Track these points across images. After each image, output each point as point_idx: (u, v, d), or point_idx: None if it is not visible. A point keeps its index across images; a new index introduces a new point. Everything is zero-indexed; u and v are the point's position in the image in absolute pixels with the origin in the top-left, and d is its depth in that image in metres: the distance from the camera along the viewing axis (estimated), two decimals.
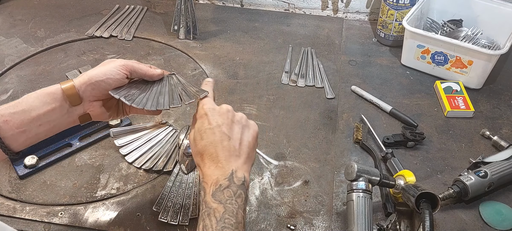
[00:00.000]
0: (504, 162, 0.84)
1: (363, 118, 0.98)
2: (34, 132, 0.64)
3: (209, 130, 0.63)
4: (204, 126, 0.63)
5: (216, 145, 0.62)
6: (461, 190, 0.80)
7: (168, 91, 0.73)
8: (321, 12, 1.41)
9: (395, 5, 1.17)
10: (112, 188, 0.84)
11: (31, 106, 0.63)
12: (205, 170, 0.61)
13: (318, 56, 1.20)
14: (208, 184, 0.59)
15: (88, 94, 0.67)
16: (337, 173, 0.88)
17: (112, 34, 1.27)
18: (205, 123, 0.64)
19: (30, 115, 0.63)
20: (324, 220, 0.80)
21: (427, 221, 0.69)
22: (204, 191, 0.59)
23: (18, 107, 0.63)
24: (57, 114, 0.65)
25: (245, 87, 1.09)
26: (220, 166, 0.60)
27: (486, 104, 1.05)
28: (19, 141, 0.63)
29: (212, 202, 0.57)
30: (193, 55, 1.20)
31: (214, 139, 0.62)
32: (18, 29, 1.29)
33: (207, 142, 0.62)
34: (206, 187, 0.59)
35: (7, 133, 0.62)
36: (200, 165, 0.63)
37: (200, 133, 0.63)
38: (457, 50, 1.04)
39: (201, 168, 0.63)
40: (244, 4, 1.44)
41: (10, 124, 0.62)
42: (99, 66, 0.69)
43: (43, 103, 0.64)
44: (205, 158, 0.62)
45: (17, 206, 0.81)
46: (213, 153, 0.61)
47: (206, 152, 0.62)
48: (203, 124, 0.64)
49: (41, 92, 0.65)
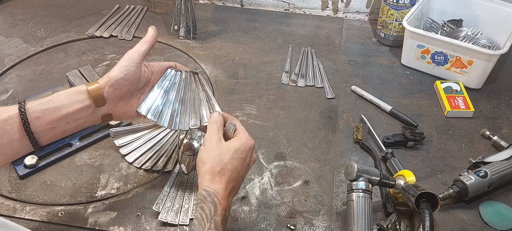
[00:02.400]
0: (504, 162, 0.84)
1: (363, 118, 0.98)
2: (62, 129, 0.66)
3: (244, 162, 0.68)
4: (244, 154, 0.67)
5: (240, 179, 0.68)
6: (461, 190, 0.80)
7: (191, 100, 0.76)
8: (321, 12, 1.41)
9: (395, 5, 1.17)
10: (112, 188, 0.84)
11: (62, 104, 0.65)
12: (219, 188, 0.64)
13: (318, 56, 1.20)
14: (221, 206, 0.63)
15: (111, 95, 0.68)
16: (337, 173, 0.88)
17: (112, 34, 1.27)
18: (245, 153, 0.68)
19: (60, 113, 0.65)
20: (324, 220, 0.80)
21: (427, 221, 0.69)
22: (216, 209, 0.62)
23: (49, 104, 0.65)
24: (84, 113, 0.67)
25: (245, 87, 1.09)
26: (231, 197, 0.66)
27: (486, 104, 1.05)
28: (48, 136, 0.65)
29: (221, 228, 0.62)
30: (193, 55, 1.20)
31: (241, 172, 0.67)
32: (18, 29, 1.29)
33: (238, 168, 0.66)
34: (219, 207, 0.62)
35: (37, 129, 0.64)
36: (216, 176, 0.65)
37: (240, 155, 0.67)
38: (457, 50, 1.04)
39: (215, 179, 0.65)
40: (244, 4, 1.44)
41: (41, 120, 0.64)
42: (119, 63, 0.70)
43: (73, 102, 0.66)
44: (226, 177, 0.65)
45: (17, 206, 0.81)
46: (234, 182, 0.66)
47: (231, 175, 0.66)
48: (245, 151, 0.68)
49: (71, 91, 0.67)
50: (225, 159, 0.66)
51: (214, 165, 0.65)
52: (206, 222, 0.61)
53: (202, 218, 0.62)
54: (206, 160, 0.66)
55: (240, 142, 0.68)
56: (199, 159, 0.68)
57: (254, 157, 0.72)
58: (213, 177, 0.65)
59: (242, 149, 0.67)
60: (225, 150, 0.67)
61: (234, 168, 0.66)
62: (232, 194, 0.66)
